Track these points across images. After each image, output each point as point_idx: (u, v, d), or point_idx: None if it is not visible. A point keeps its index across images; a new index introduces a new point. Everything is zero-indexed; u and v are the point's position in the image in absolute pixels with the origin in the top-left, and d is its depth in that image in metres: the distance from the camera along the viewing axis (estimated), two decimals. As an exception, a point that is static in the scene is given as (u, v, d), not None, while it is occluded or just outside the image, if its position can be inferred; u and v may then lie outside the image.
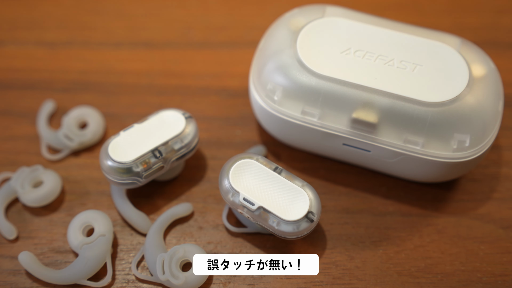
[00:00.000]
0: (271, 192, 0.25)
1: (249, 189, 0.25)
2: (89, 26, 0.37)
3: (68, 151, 0.31)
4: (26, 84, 0.34)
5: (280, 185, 0.25)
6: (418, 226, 0.28)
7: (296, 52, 0.27)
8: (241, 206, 0.25)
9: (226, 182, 0.25)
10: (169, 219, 0.28)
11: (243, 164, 0.25)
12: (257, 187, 0.25)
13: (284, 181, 0.25)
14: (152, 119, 0.28)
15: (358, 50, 0.27)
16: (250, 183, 0.25)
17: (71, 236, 0.27)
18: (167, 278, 0.25)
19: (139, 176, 0.27)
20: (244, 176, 0.25)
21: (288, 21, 0.29)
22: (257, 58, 0.29)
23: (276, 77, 0.27)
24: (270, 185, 0.25)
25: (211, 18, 0.38)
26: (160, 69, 0.35)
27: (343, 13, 0.29)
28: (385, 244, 0.27)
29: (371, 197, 0.29)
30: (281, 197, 0.25)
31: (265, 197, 0.25)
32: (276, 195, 0.25)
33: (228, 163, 0.26)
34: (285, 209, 0.25)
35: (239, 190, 0.25)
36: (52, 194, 0.29)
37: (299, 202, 0.25)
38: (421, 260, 0.27)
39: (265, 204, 0.25)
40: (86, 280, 0.26)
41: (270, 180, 0.25)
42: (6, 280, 0.26)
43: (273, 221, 0.24)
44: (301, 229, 0.24)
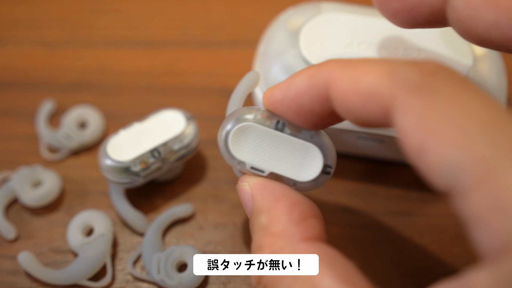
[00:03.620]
0: (278, 154, 0.22)
1: (255, 156, 0.22)
2: (89, 25, 0.37)
3: (67, 151, 0.31)
4: (26, 83, 0.34)
5: (286, 144, 0.22)
6: (419, 226, 0.28)
7: (300, 51, 0.27)
8: (249, 172, 0.23)
9: (227, 152, 0.22)
10: (169, 219, 0.28)
11: (241, 130, 0.22)
12: (262, 152, 0.23)
13: (289, 138, 0.22)
14: (153, 118, 0.28)
15: (361, 42, 0.27)
16: (253, 149, 0.23)
17: (71, 236, 0.27)
18: (162, 278, 0.25)
19: (138, 176, 0.27)
20: (246, 143, 0.23)
21: (285, 22, 0.29)
22: (260, 62, 0.29)
23: (283, 78, 0.27)
24: (276, 146, 0.22)
25: (211, 17, 0.38)
26: (160, 68, 0.35)
27: (339, 8, 0.29)
28: (386, 245, 0.27)
29: (371, 197, 0.29)
30: (290, 157, 0.22)
31: (273, 161, 0.22)
32: (284, 156, 0.22)
33: (224, 126, 0.23)
34: (298, 169, 0.22)
35: (244, 160, 0.22)
36: (52, 194, 0.28)
37: (311, 157, 0.22)
38: (422, 261, 0.27)
39: (276, 168, 0.22)
40: (85, 280, 0.26)
41: (274, 141, 0.22)
42: (5, 280, 0.26)
43: (288, 182, 0.22)
44: (319, 183, 0.23)
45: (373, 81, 0.17)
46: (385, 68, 0.17)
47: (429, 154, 0.16)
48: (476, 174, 0.15)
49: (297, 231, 0.19)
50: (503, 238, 0.14)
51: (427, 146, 0.16)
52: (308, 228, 0.20)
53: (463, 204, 0.15)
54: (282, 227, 0.19)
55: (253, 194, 0.21)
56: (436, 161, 0.15)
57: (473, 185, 0.15)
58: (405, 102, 0.16)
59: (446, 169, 0.15)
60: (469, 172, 0.15)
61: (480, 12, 0.20)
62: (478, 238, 0.15)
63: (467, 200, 0.15)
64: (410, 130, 0.16)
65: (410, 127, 0.16)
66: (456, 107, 0.16)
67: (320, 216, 0.21)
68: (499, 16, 0.19)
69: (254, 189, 0.21)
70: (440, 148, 0.15)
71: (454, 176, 0.15)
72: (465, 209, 0.15)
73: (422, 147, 0.16)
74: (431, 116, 0.16)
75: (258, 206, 0.21)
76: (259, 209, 0.21)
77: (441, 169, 0.15)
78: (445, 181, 0.15)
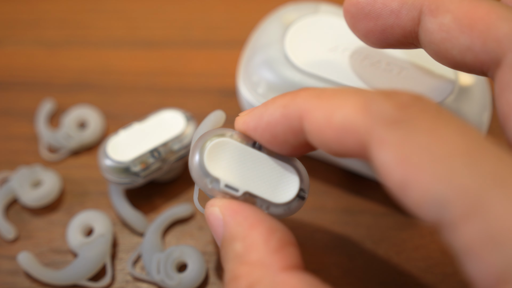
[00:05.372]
0: (254, 173, 0.21)
1: (230, 173, 0.21)
2: (89, 25, 0.37)
3: (67, 151, 0.31)
4: (25, 83, 0.34)
5: (262, 163, 0.22)
6: (419, 226, 0.28)
7: (284, 46, 0.27)
8: (222, 193, 0.21)
9: (200, 168, 0.21)
10: (169, 219, 0.28)
11: (218, 145, 0.21)
12: (238, 170, 0.21)
13: (266, 158, 0.22)
14: (153, 118, 0.28)
15: (346, 49, 0.27)
16: (229, 166, 0.21)
17: (71, 236, 0.27)
18: (162, 278, 0.25)
19: (137, 176, 0.27)
20: (221, 159, 0.21)
21: (281, 15, 0.30)
22: (247, 49, 0.30)
23: (262, 70, 0.27)
24: (252, 164, 0.21)
25: (211, 17, 0.38)
26: (160, 68, 0.35)
27: (336, 11, 0.29)
28: (386, 245, 0.27)
29: (371, 197, 0.29)
30: (266, 177, 0.21)
31: (248, 180, 0.21)
32: (260, 176, 0.21)
33: (198, 144, 0.22)
34: (273, 190, 0.21)
35: (218, 177, 0.21)
36: (52, 194, 0.28)
37: (287, 179, 0.22)
38: (422, 261, 0.27)
39: (251, 188, 0.21)
40: (85, 280, 0.26)
41: (250, 159, 0.22)
42: (5, 281, 0.26)
43: (262, 205, 0.21)
44: (292, 209, 0.21)
45: (348, 115, 0.17)
46: (360, 101, 0.17)
47: (412, 190, 0.15)
48: (463, 206, 0.14)
49: (275, 260, 0.18)
50: (498, 271, 0.14)
51: (409, 181, 0.15)
52: (287, 256, 0.18)
53: (452, 237, 0.15)
54: (260, 256, 0.18)
55: (225, 220, 0.19)
56: (420, 196, 0.15)
57: (461, 217, 0.14)
58: (382, 137, 0.16)
59: (431, 203, 0.15)
60: (455, 204, 0.14)
61: (453, 36, 0.19)
62: (471, 271, 0.15)
63: (456, 232, 0.15)
64: (390, 166, 0.16)
65: (390, 163, 0.16)
66: (435, 140, 0.15)
67: (296, 243, 0.19)
68: (474, 39, 0.19)
69: (226, 214, 0.19)
70: (423, 183, 0.15)
71: (440, 209, 0.15)
72: (455, 242, 0.15)
73: (404, 183, 0.16)
74: (410, 150, 0.16)
75: (231, 233, 0.19)
76: (233, 236, 0.19)
77: (426, 204, 0.15)
78: (432, 215, 0.15)
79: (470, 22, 0.19)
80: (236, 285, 0.18)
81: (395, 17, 0.21)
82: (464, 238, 0.14)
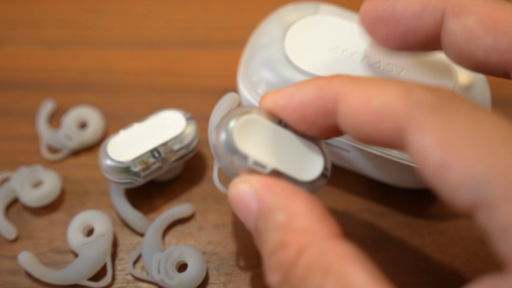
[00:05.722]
0: (281, 150, 0.21)
1: (257, 150, 0.21)
2: (89, 25, 0.37)
3: (68, 151, 0.31)
4: (26, 83, 0.34)
5: (288, 141, 0.21)
6: (419, 226, 0.28)
7: (284, 47, 0.27)
8: (249, 170, 0.21)
9: (227, 145, 0.21)
10: (169, 219, 0.28)
11: (246, 122, 0.21)
12: (265, 147, 0.21)
13: (292, 136, 0.21)
14: (153, 118, 0.28)
15: (346, 49, 0.27)
16: (256, 144, 0.21)
17: (71, 236, 0.27)
18: (162, 278, 0.25)
19: (138, 176, 0.27)
20: (249, 136, 0.21)
21: (281, 16, 0.30)
22: (247, 50, 0.30)
23: (262, 70, 0.27)
24: (279, 142, 0.21)
25: (211, 17, 0.38)
26: (160, 68, 0.35)
27: (336, 12, 0.29)
28: (386, 244, 0.27)
29: (371, 197, 0.29)
30: (292, 155, 0.21)
31: (275, 157, 0.21)
32: (287, 154, 0.21)
33: (223, 122, 0.21)
34: (298, 168, 0.21)
35: (247, 153, 0.21)
36: (52, 194, 0.29)
37: (312, 158, 0.21)
38: (421, 260, 0.27)
39: (278, 165, 0.21)
40: (86, 280, 0.26)
41: (277, 137, 0.21)
42: (5, 280, 0.26)
43: (287, 182, 0.20)
44: (316, 187, 0.21)
45: (387, 100, 0.17)
46: (400, 89, 0.17)
47: (451, 171, 0.16)
48: (504, 186, 0.15)
49: (322, 227, 0.18)
50: None
51: (449, 163, 0.16)
52: (331, 225, 0.18)
53: (489, 217, 0.15)
54: (306, 223, 0.18)
55: (259, 193, 0.19)
56: (460, 177, 0.16)
57: (502, 197, 0.15)
58: (423, 122, 0.16)
59: (471, 184, 0.15)
60: (497, 184, 0.15)
61: (477, 36, 0.20)
62: (508, 251, 0.15)
63: (495, 212, 0.15)
64: (429, 149, 0.16)
65: (429, 146, 0.16)
66: (476, 124, 0.16)
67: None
68: (499, 39, 0.19)
69: (260, 188, 0.19)
70: (463, 164, 0.15)
71: (479, 191, 0.15)
72: (492, 222, 0.15)
73: (443, 165, 0.16)
74: (451, 134, 0.16)
75: (269, 205, 0.19)
76: (272, 208, 0.19)
77: (465, 185, 0.15)
78: (469, 197, 0.16)
79: (494, 23, 0.20)
80: (284, 251, 0.18)
81: (417, 20, 0.21)
82: (503, 217, 0.15)
